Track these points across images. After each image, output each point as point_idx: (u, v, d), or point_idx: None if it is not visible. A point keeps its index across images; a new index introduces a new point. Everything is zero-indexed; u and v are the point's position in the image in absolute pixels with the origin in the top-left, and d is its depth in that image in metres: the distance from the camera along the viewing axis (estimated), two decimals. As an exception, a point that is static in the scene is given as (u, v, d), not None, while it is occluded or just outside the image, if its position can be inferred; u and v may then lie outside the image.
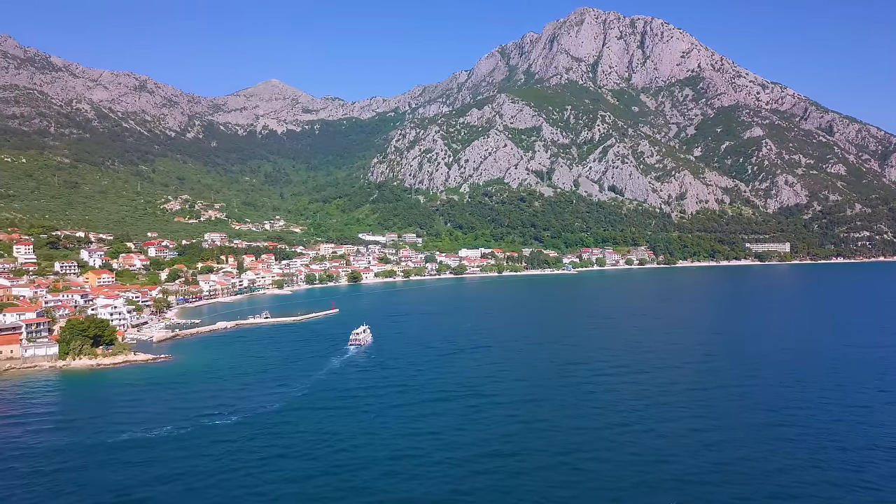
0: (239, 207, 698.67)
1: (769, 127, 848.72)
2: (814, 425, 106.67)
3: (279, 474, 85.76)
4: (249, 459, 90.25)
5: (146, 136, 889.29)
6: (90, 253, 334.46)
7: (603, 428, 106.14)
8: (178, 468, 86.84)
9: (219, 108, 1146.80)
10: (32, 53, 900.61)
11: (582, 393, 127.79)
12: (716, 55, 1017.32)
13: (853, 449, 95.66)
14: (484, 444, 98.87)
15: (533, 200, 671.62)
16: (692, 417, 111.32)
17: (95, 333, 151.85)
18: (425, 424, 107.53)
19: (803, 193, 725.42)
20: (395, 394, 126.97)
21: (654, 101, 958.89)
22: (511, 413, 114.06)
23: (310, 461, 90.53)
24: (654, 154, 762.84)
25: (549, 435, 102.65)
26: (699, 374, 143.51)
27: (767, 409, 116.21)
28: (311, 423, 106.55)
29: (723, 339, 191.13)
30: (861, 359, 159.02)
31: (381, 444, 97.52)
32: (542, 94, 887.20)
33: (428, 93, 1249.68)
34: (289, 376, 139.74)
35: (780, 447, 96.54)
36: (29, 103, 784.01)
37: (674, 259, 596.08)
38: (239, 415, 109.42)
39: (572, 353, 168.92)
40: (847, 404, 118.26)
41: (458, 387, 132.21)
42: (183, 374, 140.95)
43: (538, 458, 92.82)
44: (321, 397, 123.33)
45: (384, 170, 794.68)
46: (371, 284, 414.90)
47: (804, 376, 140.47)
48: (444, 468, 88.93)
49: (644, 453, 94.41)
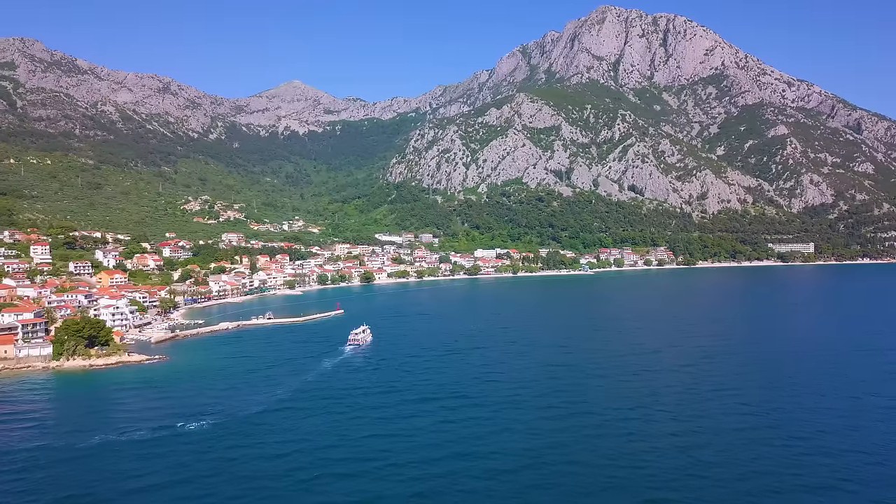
0: (259, 208, 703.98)
1: (794, 125, 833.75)
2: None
3: (240, 477, 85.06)
4: (215, 463, 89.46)
5: (169, 137, 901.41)
6: (105, 253, 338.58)
7: (577, 428, 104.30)
8: (137, 473, 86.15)
9: (241, 109, 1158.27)
10: (59, 57, 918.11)
11: (566, 396, 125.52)
12: (740, 53, 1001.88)
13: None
14: (451, 445, 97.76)
15: (551, 200, 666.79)
16: (671, 420, 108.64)
17: (90, 334, 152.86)
18: (400, 426, 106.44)
19: (829, 193, 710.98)
20: (378, 395, 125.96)
21: (676, 100, 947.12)
22: (489, 415, 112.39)
23: (274, 463, 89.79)
24: (675, 153, 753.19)
25: (521, 437, 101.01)
26: (693, 381, 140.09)
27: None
28: (286, 426, 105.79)
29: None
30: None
31: (349, 446, 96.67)
32: (561, 93, 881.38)
33: (449, 93, 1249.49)
34: (278, 378, 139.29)
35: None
36: (55, 106, 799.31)
37: (693, 260, 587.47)
38: (217, 417, 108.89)
39: (568, 356, 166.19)
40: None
41: (444, 389, 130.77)
42: (173, 375, 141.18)
43: (504, 461, 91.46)
44: (305, 399, 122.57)
45: (402, 170, 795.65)
46: (384, 285, 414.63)
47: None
48: (406, 469, 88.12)
49: (618, 458, 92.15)
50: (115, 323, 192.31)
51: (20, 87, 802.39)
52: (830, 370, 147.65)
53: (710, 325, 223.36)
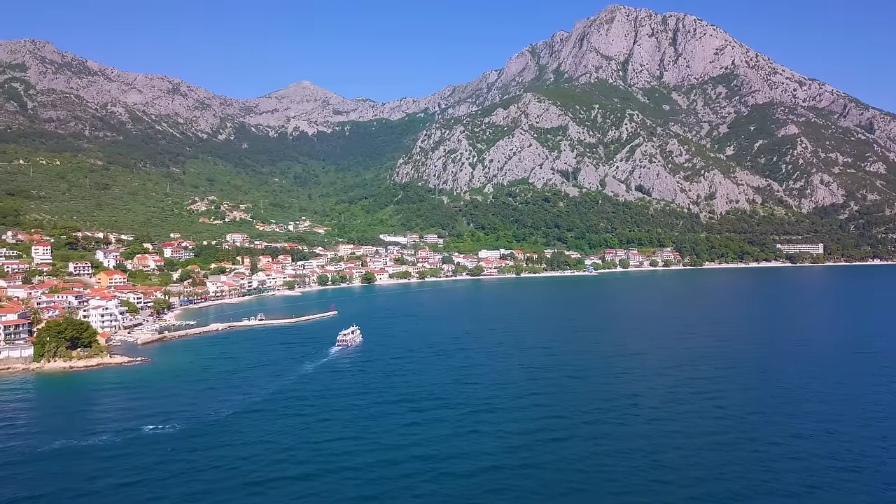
0: (265, 208, 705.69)
1: (805, 125, 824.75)
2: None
3: (193, 480, 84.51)
4: (171, 466, 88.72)
5: (178, 138, 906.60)
6: (105, 254, 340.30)
7: (545, 431, 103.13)
8: (90, 476, 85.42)
9: (251, 110, 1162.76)
10: (70, 58, 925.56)
11: (542, 398, 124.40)
12: (750, 52, 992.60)
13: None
14: (414, 448, 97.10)
15: (557, 201, 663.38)
16: (643, 424, 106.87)
17: (73, 335, 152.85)
18: (367, 429, 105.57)
19: (840, 193, 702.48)
20: (353, 397, 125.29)
21: (685, 100, 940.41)
22: (459, 418, 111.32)
23: (232, 466, 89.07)
24: (684, 153, 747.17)
25: (486, 440, 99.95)
26: (675, 384, 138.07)
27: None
28: (253, 429, 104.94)
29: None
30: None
31: (311, 449, 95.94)
32: (569, 93, 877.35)
33: (458, 93, 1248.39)
34: (257, 380, 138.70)
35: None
36: (65, 107, 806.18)
37: (700, 261, 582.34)
38: (186, 421, 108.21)
39: (553, 358, 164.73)
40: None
41: (420, 391, 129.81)
42: (151, 377, 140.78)
43: (464, 464, 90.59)
44: (279, 401, 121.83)
45: (409, 170, 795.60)
46: (385, 286, 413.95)
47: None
48: (362, 472, 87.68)
49: (580, 462, 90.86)
50: (104, 324, 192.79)
51: (31, 89, 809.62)
52: (820, 373, 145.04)
53: (705, 326, 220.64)
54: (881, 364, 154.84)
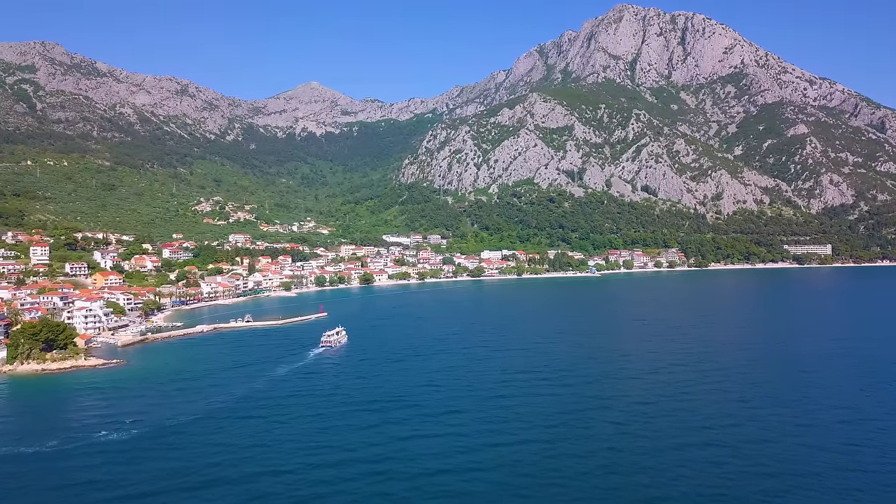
0: (271, 209, 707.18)
1: (815, 124, 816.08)
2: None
3: (124, 486, 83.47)
4: (110, 473, 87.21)
5: (186, 139, 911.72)
6: (103, 254, 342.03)
7: (502, 437, 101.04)
8: (20, 484, 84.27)
9: (259, 110, 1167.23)
10: (79, 60, 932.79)
11: (509, 401, 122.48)
12: (760, 50, 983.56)
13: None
14: (363, 450, 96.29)
15: (563, 201, 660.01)
16: (611, 430, 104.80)
17: (48, 337, 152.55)
18: (322, 433, 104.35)
19: (849, 193, 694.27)
20: (318, 400, 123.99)
21: (694, 99, 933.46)
22: (418, 422, 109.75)
23: (171, 471, 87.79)
24: (691, 153, 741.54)
25: (441, 444, 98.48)
26: (648, 385, 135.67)
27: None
28: (207, 434, 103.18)
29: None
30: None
31: (260, 455, 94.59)
32: (575, 92, 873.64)
33: (466, 93, 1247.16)
34: (227, 383, 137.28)
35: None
36: (74, 108, 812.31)
37: (705, 262, 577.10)
38: (142, 426, 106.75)
39: (532, 360, 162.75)
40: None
41: (389, 394, 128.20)
42: (121, 380, 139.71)
43: (409, 467, 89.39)
44: (243, 405, 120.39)
45: (414, 171, 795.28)
46: (384, 287, 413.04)
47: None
48: (301, 474, 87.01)
49: (530, 469, 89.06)
50: (87, 325, 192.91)
51: (40, 90, 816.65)
52: (803, 379, 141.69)
53: (695, 330, 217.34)
54: (872, 369, 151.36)
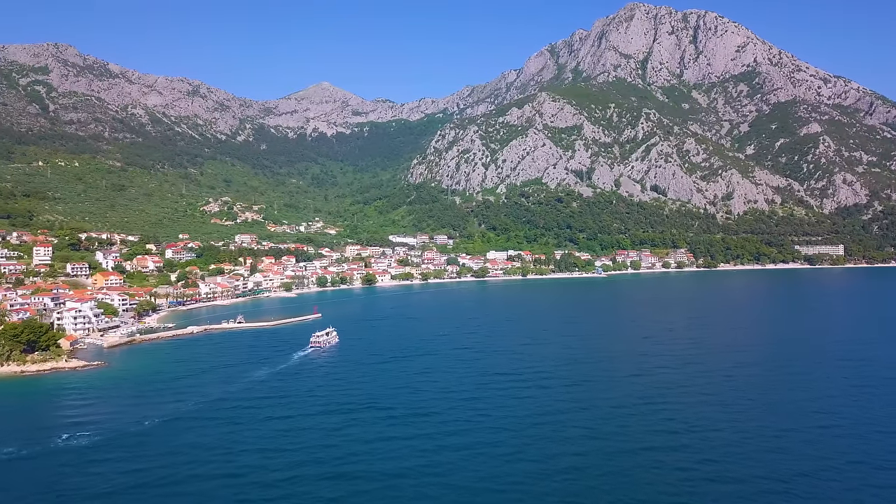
0: (279, 209, 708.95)
1: (828, 123, 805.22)
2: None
3: (66, 494, 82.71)
4: (57, 481, 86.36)
5: (197, 139, 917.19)
6: (105, 255, 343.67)
7: (466, 444, 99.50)
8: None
9: (270, 111, 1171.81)
10: (91, 61, 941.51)
11: (482, 406, 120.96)
12: (773, 49, 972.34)
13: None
14: (325, 452, 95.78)
15: (571, 201, 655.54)
16: (582, 437, 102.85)
17: (29, 338, 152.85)
18: (287, 438, 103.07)
19: (863, 193, 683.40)
20: (290, 404, 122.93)
21: (706, 98, 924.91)
22: (385, 427, 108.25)
23: (124, 480, 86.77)
24: (701, 152, 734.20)
25: (403, 451, 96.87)
26: (630, 389, 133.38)
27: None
28: (167, 439, 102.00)
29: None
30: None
31: (218, 461, 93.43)
32: (584, 92, 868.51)
33: (476, 93, 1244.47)
34: (202, 386, 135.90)
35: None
36: (86, 109, 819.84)
37: (714, 262, 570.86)
38: (104, 431, 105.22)
39: (516, 363, 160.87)
40: None
41: (363, 398, 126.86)
42: (98, 382, 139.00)
43: (360, 468, 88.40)
44: (213, 409, 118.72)
45: (423, 171, 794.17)
46: (387, 287, 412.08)
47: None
48: (260, 477, 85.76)
49: (491, 480, 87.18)
50: (76, 326, 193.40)
51: (53, 91, 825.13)
52: (791, 382, 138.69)
53: (689, 332, 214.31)
54: (859, 374, 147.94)
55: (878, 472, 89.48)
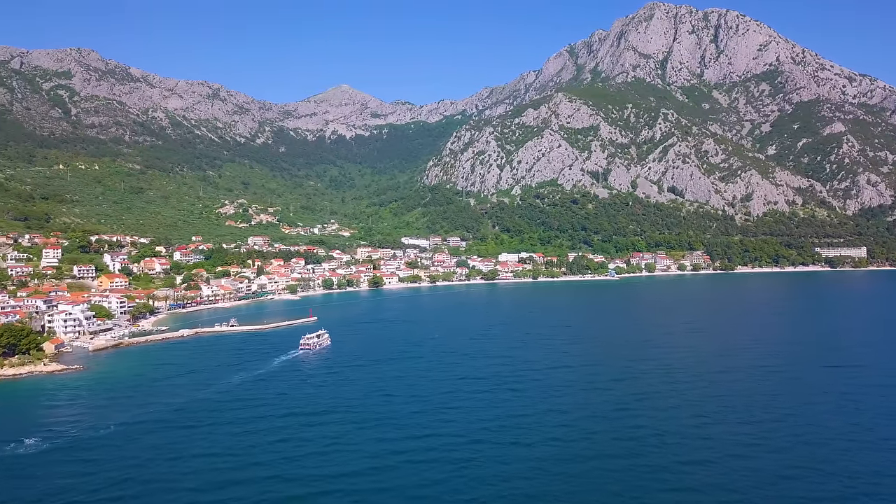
0: (295, 211, 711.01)
1: (853, 122, 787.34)
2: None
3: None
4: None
5: (216, 142, 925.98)
6: (112, 257, 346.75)
7: (428, 450, 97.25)
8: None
9: (289, 114, 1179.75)
10: (113, 66, 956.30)
11: (453, 412, 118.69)
12: (797, 47, 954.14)
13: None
14: (283, 455, 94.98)
15: (586, 202, 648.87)
16: (544, 444, 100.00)
17: (9, 342, 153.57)
18: (248, 443, 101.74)
19: (888, 193, 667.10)
20: (259, 408, 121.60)
21: (727, 98, 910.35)
22: (349, 432, 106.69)
23: (72, 484, 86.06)
24: (720, 153, 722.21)
25: (360, 458, 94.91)
26: (608, 395, 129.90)
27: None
28: (124, 445, 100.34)
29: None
30: None
31: (170, 466, 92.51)
32: (602, 92, 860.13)
33: (495, 94, 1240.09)
34: (177, 389, 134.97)
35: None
36: (108, 113, 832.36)
37: (732, 265, 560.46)
38: (61, 437, 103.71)
39: (501, 367, 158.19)
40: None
41: (331, 402, 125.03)
42: (70, 387, 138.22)
43: (309, 472, 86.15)
44: (178, 414, 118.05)
45: (438, 173, 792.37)
46: (394, 290, 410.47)
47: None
48: (210, 489, 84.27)
49: (441, 484, 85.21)
50: (66, 329, 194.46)
51: (75, 96, 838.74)
52: (778, 390, 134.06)
53: (685, 336, 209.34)
54: (848, 378, 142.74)
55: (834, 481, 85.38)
